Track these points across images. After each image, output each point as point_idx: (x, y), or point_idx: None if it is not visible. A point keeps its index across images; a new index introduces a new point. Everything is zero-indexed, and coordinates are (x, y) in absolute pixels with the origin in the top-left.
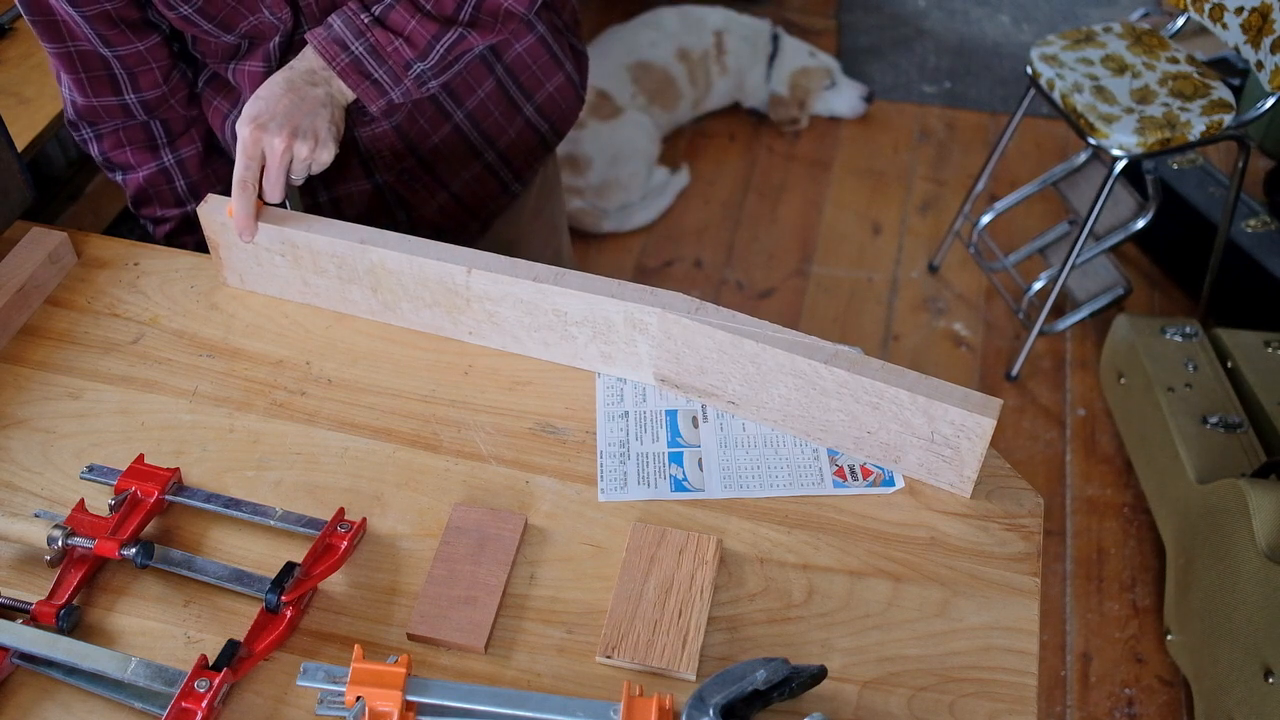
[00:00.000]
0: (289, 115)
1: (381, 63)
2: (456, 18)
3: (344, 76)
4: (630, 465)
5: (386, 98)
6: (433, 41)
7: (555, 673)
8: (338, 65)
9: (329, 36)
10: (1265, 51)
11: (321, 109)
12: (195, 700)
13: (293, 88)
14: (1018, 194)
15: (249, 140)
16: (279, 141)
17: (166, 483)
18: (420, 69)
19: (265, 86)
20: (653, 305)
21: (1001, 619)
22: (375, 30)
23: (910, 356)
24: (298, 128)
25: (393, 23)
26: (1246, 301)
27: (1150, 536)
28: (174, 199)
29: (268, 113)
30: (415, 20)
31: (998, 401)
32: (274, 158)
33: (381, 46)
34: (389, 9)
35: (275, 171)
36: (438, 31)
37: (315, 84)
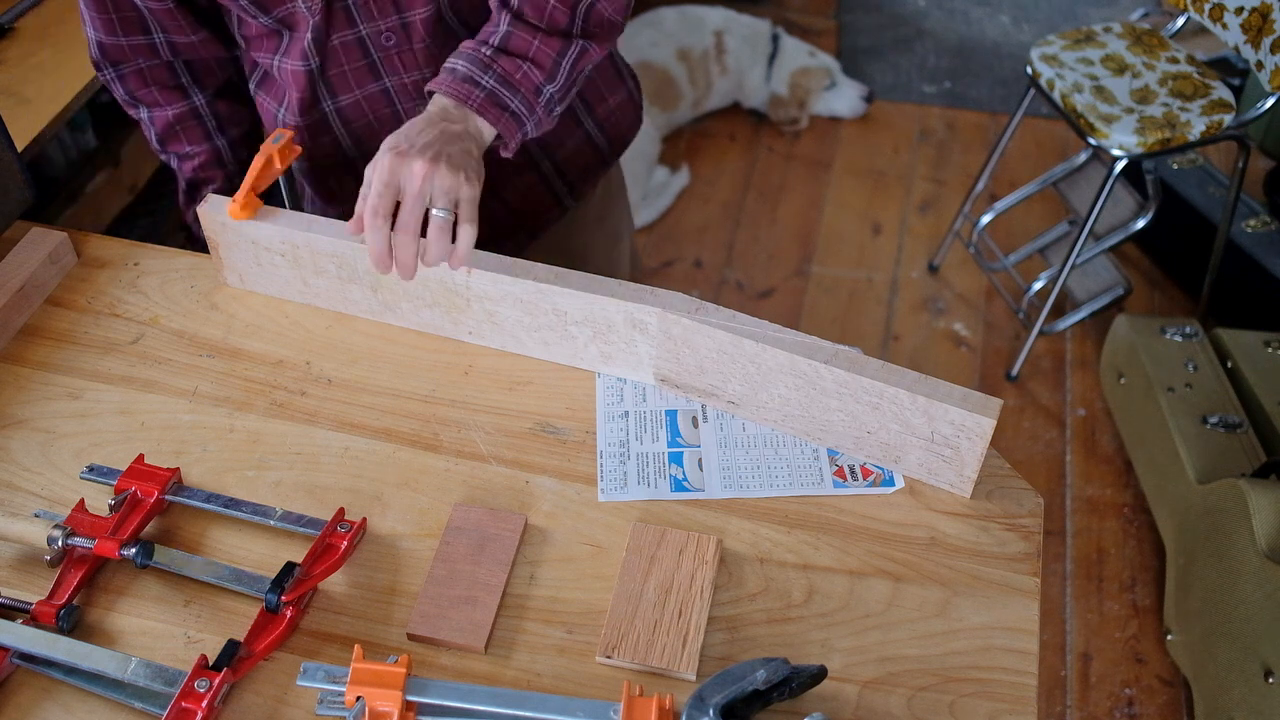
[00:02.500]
0: (431, 143)
1: (515, 92)
2: (571, 30)
3: (483, 112)
4: (630, 465)
5: (523, 129)
6: (558, 59)
7: (555, 673)
8: (474, 102)
9: (456, 78)
10: (1265, 51)
11: (461, 140)
12: (195, 700)
13: (433, 122)
14: (1018, 194)
15: (387, 167)
16: (419, 166)
17: (166, 483)
18: (549, 92)
19: (406, 124)
20: (653, 305)
21: (1001, 619)
22: (501, 59)
23: (910, 356)
24: (440, 153)
25: (515, 48)
26: (1246, 301)
27: (1150, 536)
28: (203, 134)
29: (407, 140)
30: (537, 40)
31: (998, 401)
32: (414, 183)
33: (510, 75)
34: (508, 36)
35: (413, 200)
36: (560, 48)
37: (454, 121)
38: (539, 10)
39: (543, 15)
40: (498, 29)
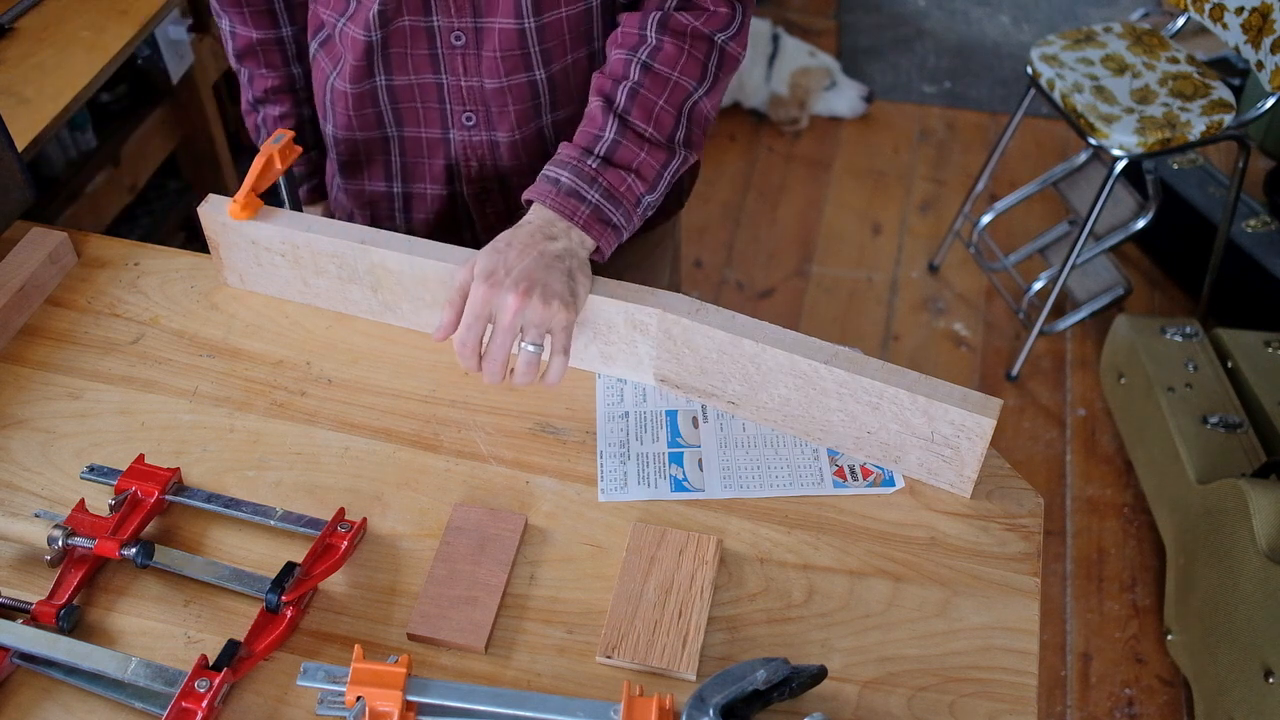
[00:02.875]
0: (527, 272)
1: (618, 205)
2: (675, 139)
3: (587, 228)
4: (630, 465)
5: (620, 238)
6: (661, 170)
7: (555, 673)
8: (579, 219)
9: (560, 192)
10: (1265, 51)
11: (558, 262)
12: (195, 700)
13: (532, 242)
14: (1018, 194)
15: (479, 299)
16: (512, 300)
17: (166, 483)
18: (648, 201)
19: (499, 239)
20: (653, 305)
21: (1001, 619)
22: (607, 173)
23: (910, 356)
24: (535, 284)
25: (621, 159)
26: (1246, 301)
27: (1150, 536)
28: (281, 60)
29: (504, 266)
30: (644, 153)
31: (998, 401)
32: (505, 317)
33: (615, 188)
34: (614, 146)
35: (503, 333)
36: (665, 160)
37: (554, 237)
38: (646, 113)
39: (649, 117)
40: (604, 135)
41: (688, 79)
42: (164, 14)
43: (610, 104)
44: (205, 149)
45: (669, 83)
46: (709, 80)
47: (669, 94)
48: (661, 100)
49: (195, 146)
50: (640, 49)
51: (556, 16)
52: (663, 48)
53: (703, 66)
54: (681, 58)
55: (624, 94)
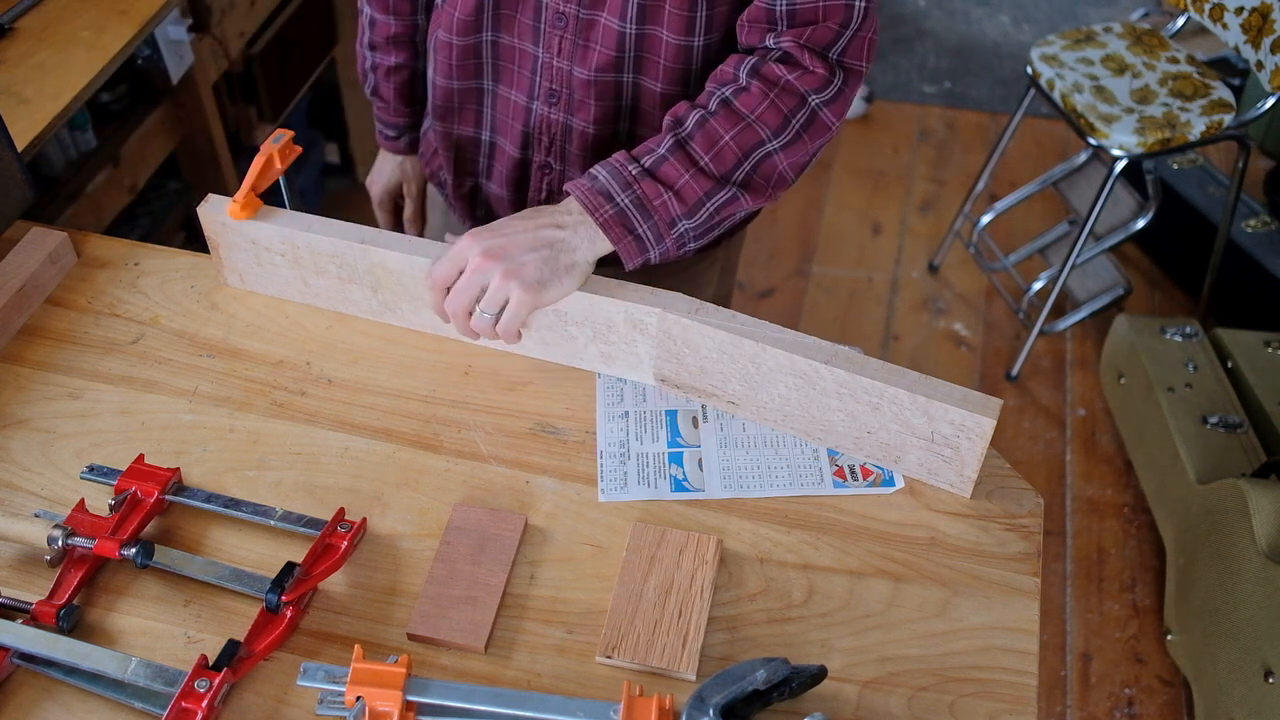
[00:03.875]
0: (508, 242)
1: (647, 217)
2: (731, 177)
3: (606, 229)
4: (630, 465)
5: (646, 255)
6: (704, 199)
7: (555, 673)
8: (600, 217)
9: (593, 188)
10: (1265, 51)
11: (546, 248)
12: (195, 700)
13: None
14: (1018, 194)
15: (459, 247)
16: (475, 260)
17: (166, 483)
18: (685, 227)
19: (513, 216)
20: (653, 305)
21: (1001, 619)
22: (643, 182)
23: (910, 356)
24: (505, 254)
25: (663, 175)
26: (1246, 301)
27: (1150, 536)
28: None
29: (493, 229)
30: (688, 175)
31: (998, 401)
32: (466, 274)
33: (648, 199)
34: (660, 161)
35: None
36: (710, 189)
37: (561, 226)
38: (708, 143)
39: (710, 148)
40: (656, 150)
41: (764, 126)
42: (164, 14)
43: (677, 126)
44: (205, 149)
45: (741, 123)
46: (788, 135)
47: (738, 134)
48: (728, 137)
49: (195, 146)
50: (726, 86)
51: (656, 33)
52: (748, 90)
53: (785, 120)
54: (763, 104)
55: (693, 120)
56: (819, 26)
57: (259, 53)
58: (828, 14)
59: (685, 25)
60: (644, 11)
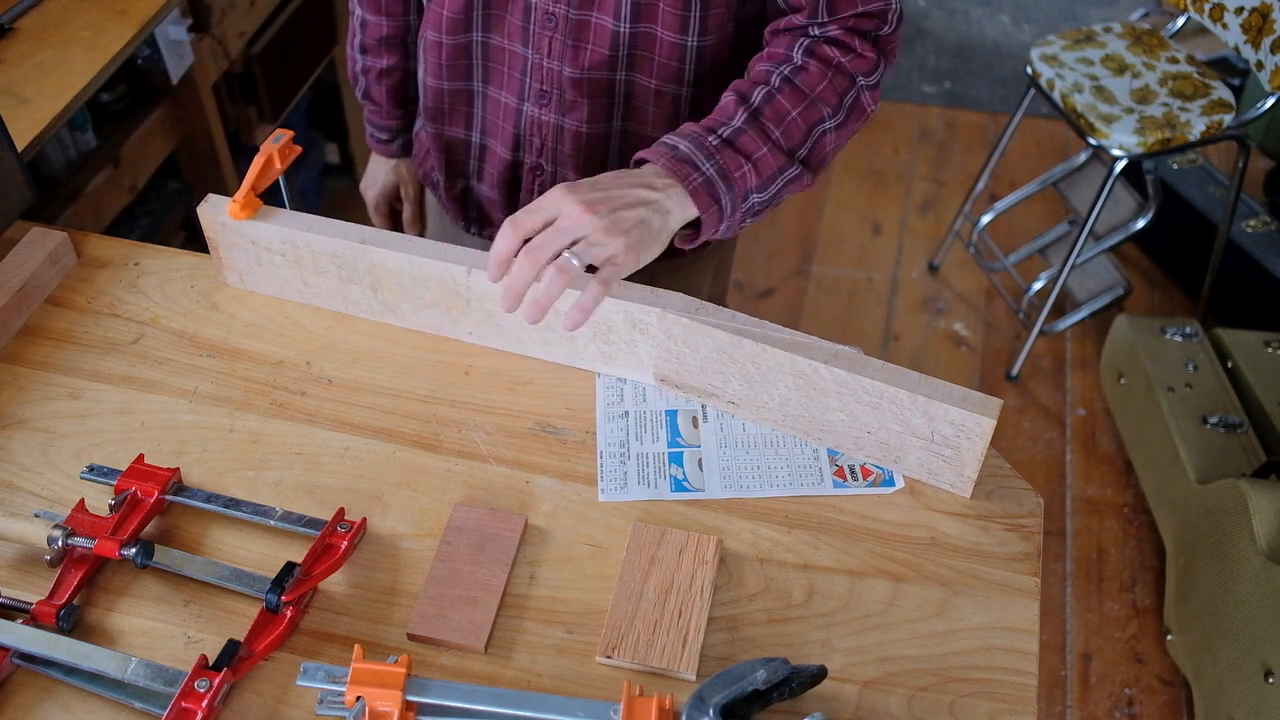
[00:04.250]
0: (610, 196)
1: (729, 188)
2: (797, 153)
3: (696, 196)
4: (630, 465)
5: (719, 226)
6: (776, 174)
7: (555, 673)
8: (690, 184)
9: (675, 157)
10: (1265, 51)
11: (643, 207)
12: (195, 700)
13: (632, 180)
14: (1018, 194)
15: (551, 197)
16: (578, 209)
17: (166, 483)
18: (755, 200)
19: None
20: (653, 305)
21: (1001, 619)
22: (725, 153)
23: (910, 356)
24: (609, 207)
25: (743, 146)
26: (1246, 301)
27: (1150, 536)
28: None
29: (590, 182)
30: (766, 149)
31: (998, 401)
32: (564, 220)
33: (730, 170)
34: (739, 132)
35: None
36: (783, 164)
37: (654, 188)
38: (778, 117)
39: (780, 122)
40: (731, 122)
41: (824, 104)
42: (164, 14)
43: (745, 100)
44: (205, 149)
45: (807, 99)
46: (841, 114)
47: (804, 110)
48: (796, 112)
49: (195, 146)
50: (784, 65)
51: (652, 32)
52: (808, 69)
53: (840, 98)
54: (823, 82)
55: (760, 95)
56: (863, 15)
57: (259, 53)
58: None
59: (681, 24)
60: (639, 10)
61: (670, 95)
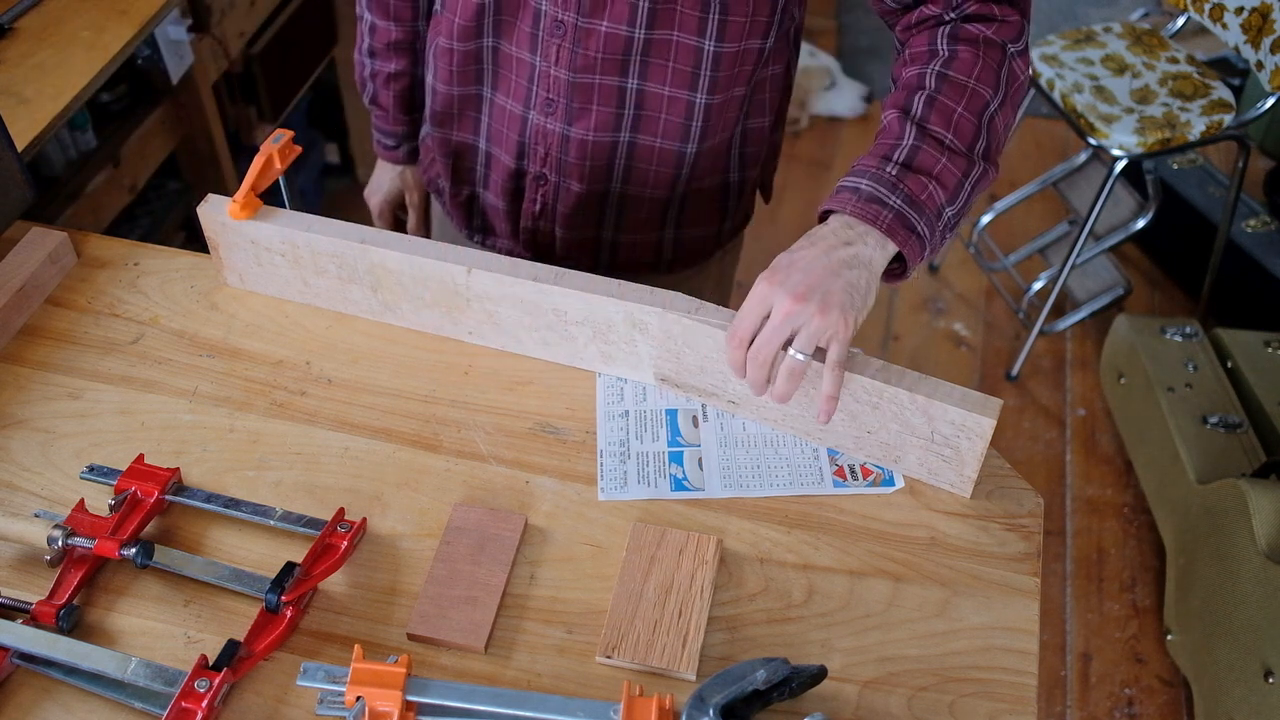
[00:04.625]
0: (809, 274)
1: (921, 213)
2: (974, 150)
3: (892, 234)
4: (630, 464)
5: (924, 252)
6: (961, 180)
7: (555, 673)
8: (882, 224)
9: (860, 199)
10: (1265, 51)
11: (846, 269)
12: (195, 700)
13: (826, 248)
14: (1018, 194)
15: (758, 295)
16: (788, 302)
17: (166, 483)
18: (949, 214)
19: (798, 242)
20: (653, 305)
21: (1001, 619)
22: (907, 179)
23: (910, 356)
24: (815, 289)
25: (921, 164)
26: (1246, 301)
27: (1150, 536)
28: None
29: (788, 266)
30: (945, 159)
31: (997, 401)
32: (776, 317)
33: (916, 195)
34: (915, 151)
35: (770, 332)
36: (965, 168)
37: (850, 242)
38: (945, 120)
39: (949, 124)
40: (902, 142)
41: (985, 87)
42: (164, 14)
43: (907, 113)
44: (205, 149)
45: (967, 90)
46: (1002, 92)
47: (968, 101)
48: (960, 108)
49: (195, 146)
50: (933, 61)
51: (667, 37)
52: (958, 55)
53: (996, 75)
54: (977, 65)
55: (920, 102)
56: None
57: (259, 53)
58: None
59: (699, 26)
60: (654, 16)
61: (684, 102)
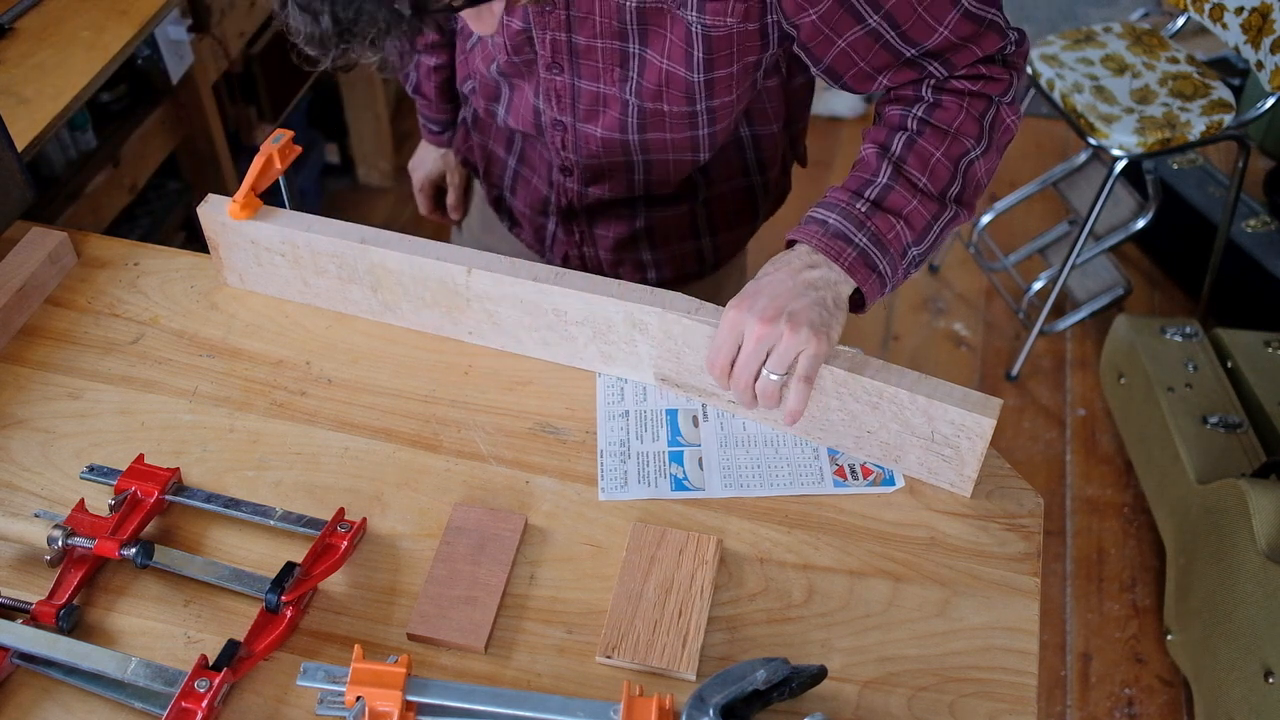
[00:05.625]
0: (776, 299)
1: (885, 252)
2: (947, 194)
3: (852, 272)
4: (630, 464)
5: (883, 290)
6: (930, 222)
7: (555, 673)
8: (845, 261)
9: (827, 233)
10: (1265, 51)
11: (812, 290)
12: (195, 700)
13: (790, 270)
14: (1018, 194)
15: (729, 321)
16: (758, 326)
17: (166, 483)
18: (914, 254)
19: (767, 268)
20: (653, 305)
21: (1001, 619)
22: (875, 217)
23: (910, 356)
24: (783, 311)
25: (891, 205)
26: (1246, 301)
27: (1150, 536)
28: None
29: (756, 291)
30: (915, 201)
31: (997, 401)
32: (749, 343)
33: (883, 234)
34: (887, 191)
35: (745, 359)
36: (936, 212)
37: (814, 265)
38: (922, 163)
39: (925, 168)
40: (876, 180)
41: (966, 136)
42: (164, 14)
43: (885, 151)
44: (205, 149)
45: (947, 136)
46: (985, 140)
47: (947, 147)
48: (939, 153)
49: (195, 146)
50: (917, 105)
51: (661, 137)
52: (941, 104)
53: (979, 124)
54: (960, 115)
55: (900, 143)
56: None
57: (259, 53)
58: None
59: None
60: (643, 122)
61: (689, 161)
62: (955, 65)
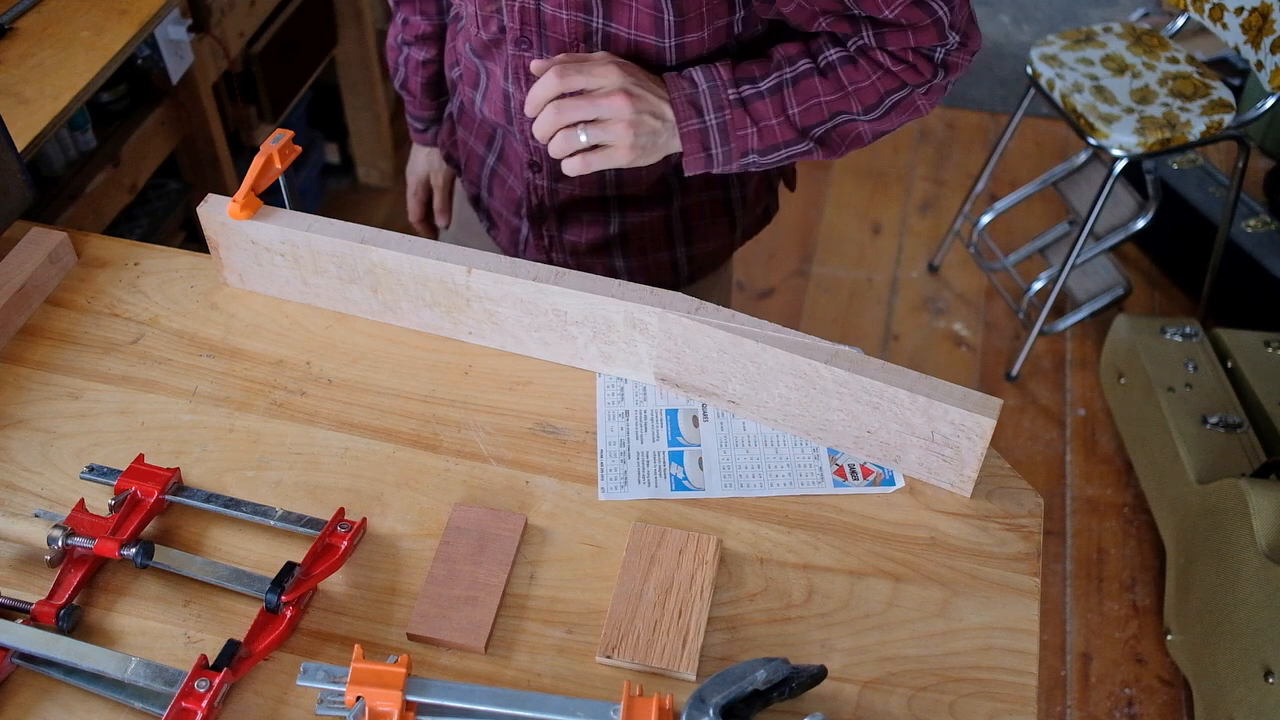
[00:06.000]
0: (643, 95)
1: (725, 143)
2: (811, 133)
3: (685, 139)
4: (630, 464)
5: (709, 170)
6: (780, 145)
7: (555, 673)
8: (685, 128)
9: (685, 97)
10: (1265, 51)
11: (658, 122)
12: (195, 700)
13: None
14: (1018, 194)
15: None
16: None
17: (166, 483)
18: (753, 159)
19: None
20: (653, 305)
21: (1001, 619)
22: (735, 110)
23: (910, 356)
24: (638, 102)
25: (754, 111)
26: (1246, 301)
27: (1150, 536)
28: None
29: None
30: (776, 121)
31: (998, 401)
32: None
33: (733, 128)
34: (757, 96)
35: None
36: (791, 140)
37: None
38: (804, 97)
39: (804, 101)
40: (758, 83)
41: (858, 101)
42: (164, 14)
43: (786, 63)
44: (205, 149)
45: (840, 92)
46: (879, 111)
47: (834, 100)
48: (824, 99)
49: (195, 146)
50: (835, 50)
51: None
52: (857, 64)
53: (880, 99)
54: (865, 83)
55: (801, 69)
56: (915, 50)
57: (259, 53)
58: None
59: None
60: None
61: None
62: (886, 42)
